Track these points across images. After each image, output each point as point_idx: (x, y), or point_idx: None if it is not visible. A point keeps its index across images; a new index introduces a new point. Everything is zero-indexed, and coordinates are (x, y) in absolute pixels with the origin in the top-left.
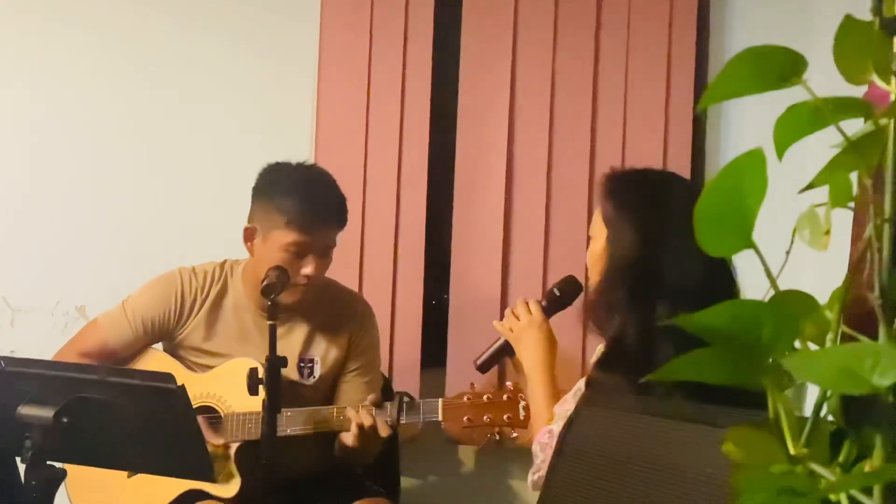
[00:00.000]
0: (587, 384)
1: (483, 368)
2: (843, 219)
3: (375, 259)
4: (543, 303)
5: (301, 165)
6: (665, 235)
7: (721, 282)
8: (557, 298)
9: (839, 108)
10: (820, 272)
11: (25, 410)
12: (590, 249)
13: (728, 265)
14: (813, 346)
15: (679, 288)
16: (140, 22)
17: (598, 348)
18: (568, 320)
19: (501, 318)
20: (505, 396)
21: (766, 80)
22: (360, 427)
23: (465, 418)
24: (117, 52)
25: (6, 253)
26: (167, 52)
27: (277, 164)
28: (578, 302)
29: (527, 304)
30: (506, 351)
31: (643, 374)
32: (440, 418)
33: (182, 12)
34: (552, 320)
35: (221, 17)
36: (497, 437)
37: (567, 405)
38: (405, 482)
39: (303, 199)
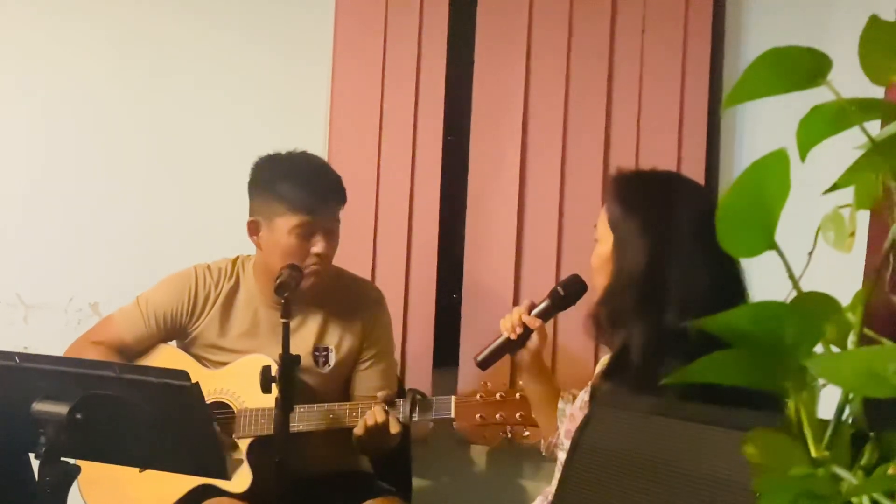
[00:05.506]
0: (591, 395)
1: (483, 365)
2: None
3: (388, 258)
4: (545, 304)
5: (291, 153)
6: (674, 242)
7: (732, 289)
8: (562, 298)
9: (863, 108)
10: (832, 273)
11: (40, 407)
12: (595, 253)
13: (739, 272)
14: (834, 349)
15: (688, 297)
16: (153, 17)
17: (602, 360)
18: (581, 322)
19: None
20: (518, 395)
21: (791, 81)
22: (373, 423)
23: (477, 416)
24: (129, 48)
25: (20, 250)
26: (180, 47)
27: (269, 155)
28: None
29: (523, 322)
30: (507, 348)
31: (648, 386)
32: (452, 416)
33: (195, 7)
34: (563, 320)
35: (235, 12)
36: (509, 436)
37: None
38: (417, 482)
39: (300, 182)
